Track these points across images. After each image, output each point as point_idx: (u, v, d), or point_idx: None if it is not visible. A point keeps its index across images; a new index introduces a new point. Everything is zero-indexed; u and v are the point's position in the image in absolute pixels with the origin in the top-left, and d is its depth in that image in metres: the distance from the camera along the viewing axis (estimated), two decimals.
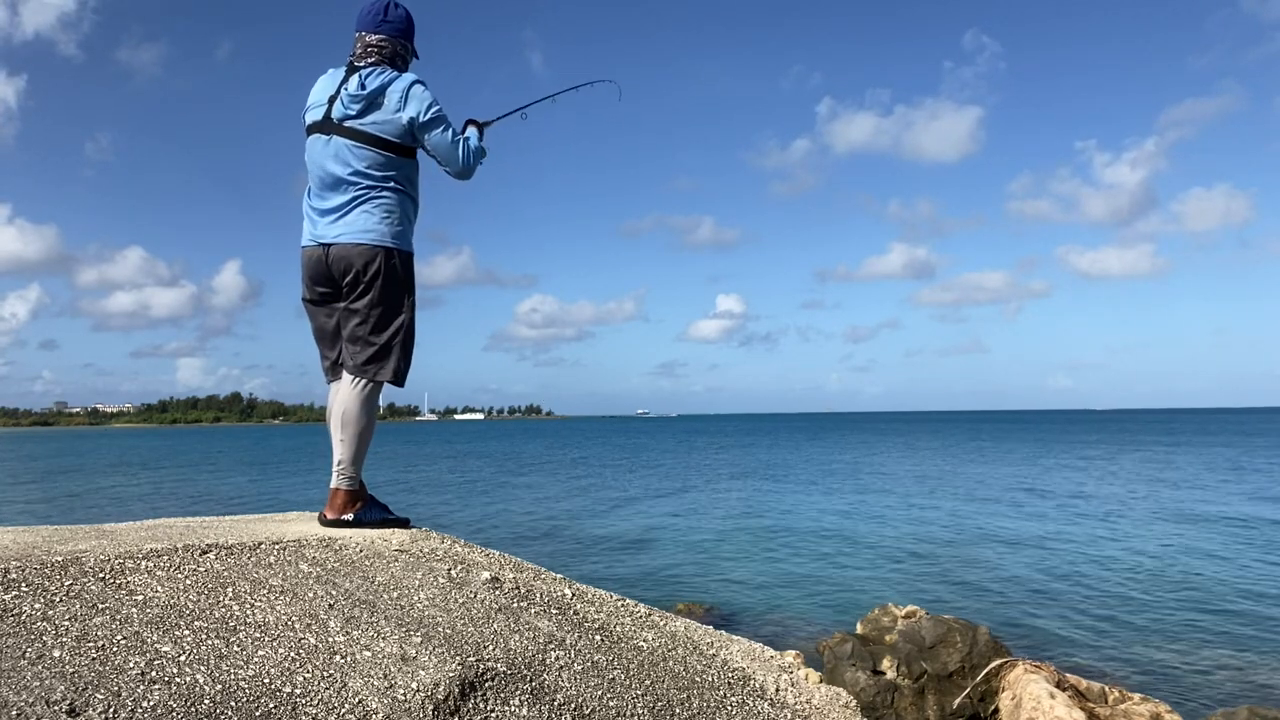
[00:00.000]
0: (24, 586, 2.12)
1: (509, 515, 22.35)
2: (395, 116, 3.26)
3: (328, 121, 3.30)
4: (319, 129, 3.32)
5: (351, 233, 3.26)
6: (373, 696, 1.99)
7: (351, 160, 3.25)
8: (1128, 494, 25.75)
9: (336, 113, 3.28)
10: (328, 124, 3.29)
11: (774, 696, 2.90)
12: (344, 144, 3.26)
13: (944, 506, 23.15)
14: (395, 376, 3.35)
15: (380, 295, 3.28)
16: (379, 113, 3.26)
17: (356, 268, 3.25)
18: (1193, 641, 9.83)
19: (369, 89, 3.24)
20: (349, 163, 3.25)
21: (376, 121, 3.25)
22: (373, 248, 3.25)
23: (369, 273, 3.26)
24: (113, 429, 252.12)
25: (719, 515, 21.97)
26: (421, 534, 3.38)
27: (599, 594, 3.30)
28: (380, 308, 3.29)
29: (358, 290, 3.29)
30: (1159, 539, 17.09)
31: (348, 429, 3.32)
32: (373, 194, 3.28)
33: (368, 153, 3.25)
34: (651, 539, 18.17)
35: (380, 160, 3.27)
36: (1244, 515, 20.28)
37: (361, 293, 3.29)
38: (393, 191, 3.32)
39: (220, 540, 2.77)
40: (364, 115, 3.25)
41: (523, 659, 2.43)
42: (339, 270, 3.29)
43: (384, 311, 3.30)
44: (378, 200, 3.28)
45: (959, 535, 18.02)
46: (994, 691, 7.16)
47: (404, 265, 3.35)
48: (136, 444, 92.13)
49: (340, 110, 3.27)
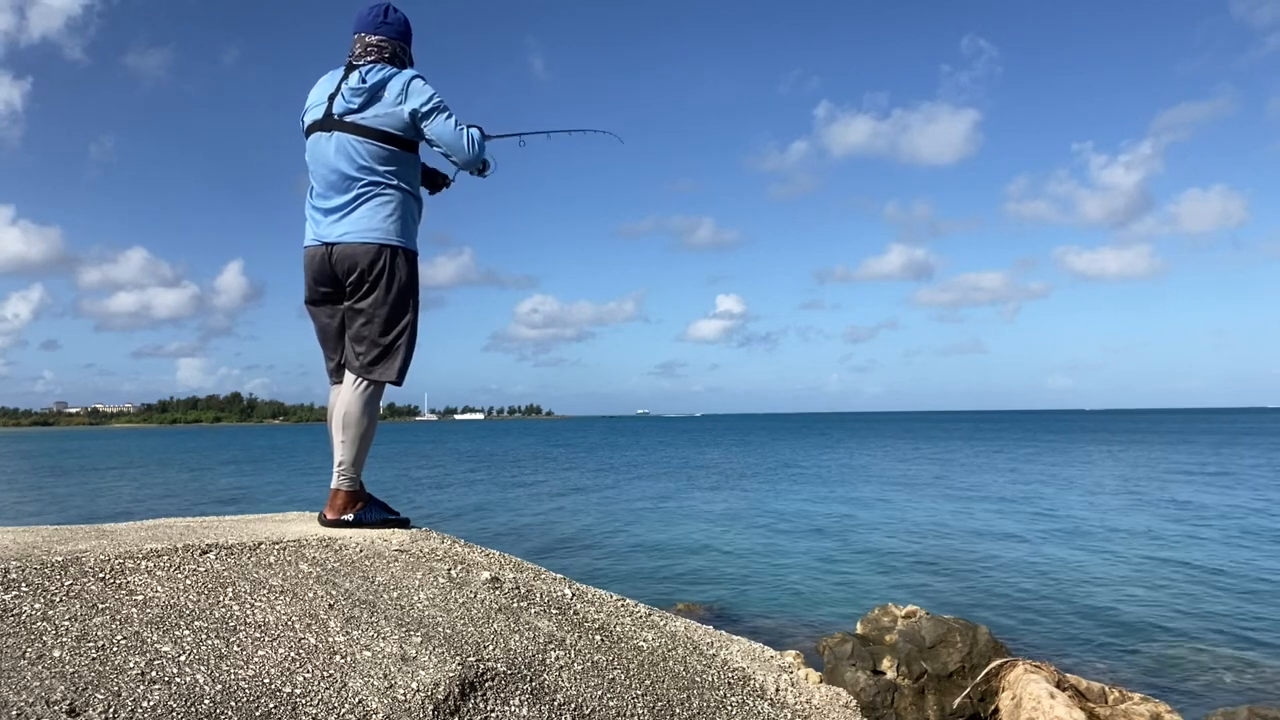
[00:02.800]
0: (24, 586, 2.12)
1: (509, 515, 22.34)
2: (397, 109, 3.22)
3: (329, 118, 3.27)
4: (320, 127, 3.30)
5: (356, 231, 3.23)
6: (373, 696, 1.99)
7: (355, 155, 3.22)
8: (1127, 494, 25.74)
9: (338, 108, 3.25)
10: (329, 121, 3.27)
11: (774, 696, 2.90)
12: (347, 139, 3.22)
13: (944, 506, 23.14)
14: (400, 376, 3.32)
15: (386, 295, 3.25)
16: (380, 105, 3.23)
17: (361, 266, 3.22)
18: (1193, 641, 9.83)
19: (370, 83, 3.23)
20: (352, 158, 3.22)
21: (378, 114, 3.23)
22: (378, 246, 3.22)
23: (374, 272, 3.23)
24: (112, 429, 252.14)
25: (719, 515, 21.97)
26: (421, 534, 3.38)
27: (599, 594, 3.30)
28: (386, 307, 3.26)
29: (362, 290, 3.26)
30: (1158, 539, 17.09)
31: (349, 430, 3.30)
32: (376, 191, 3.24)
33: (370, 147, 3.22)
34: (652, 539, 18.16)
35: (383, 154, 3.24)
36: (1243, 515, 20.28)
37: (366, 292, 3.26)
38: (396, 189, 3.28)
39: (220, 540, 2.77)
40: (365, 109, 3.23)
41: (523, 659, 2.43)
42: (343, 269, 3.26)
43: (390, 311, 3.27)
44: (382, 198, 3.25)
45: (959, 535, 18.01)
46: (994, 691, 7.16)
47: (409, 264, 3.32)
48: (136, 444, 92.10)
49: (342, 105, 3.24)
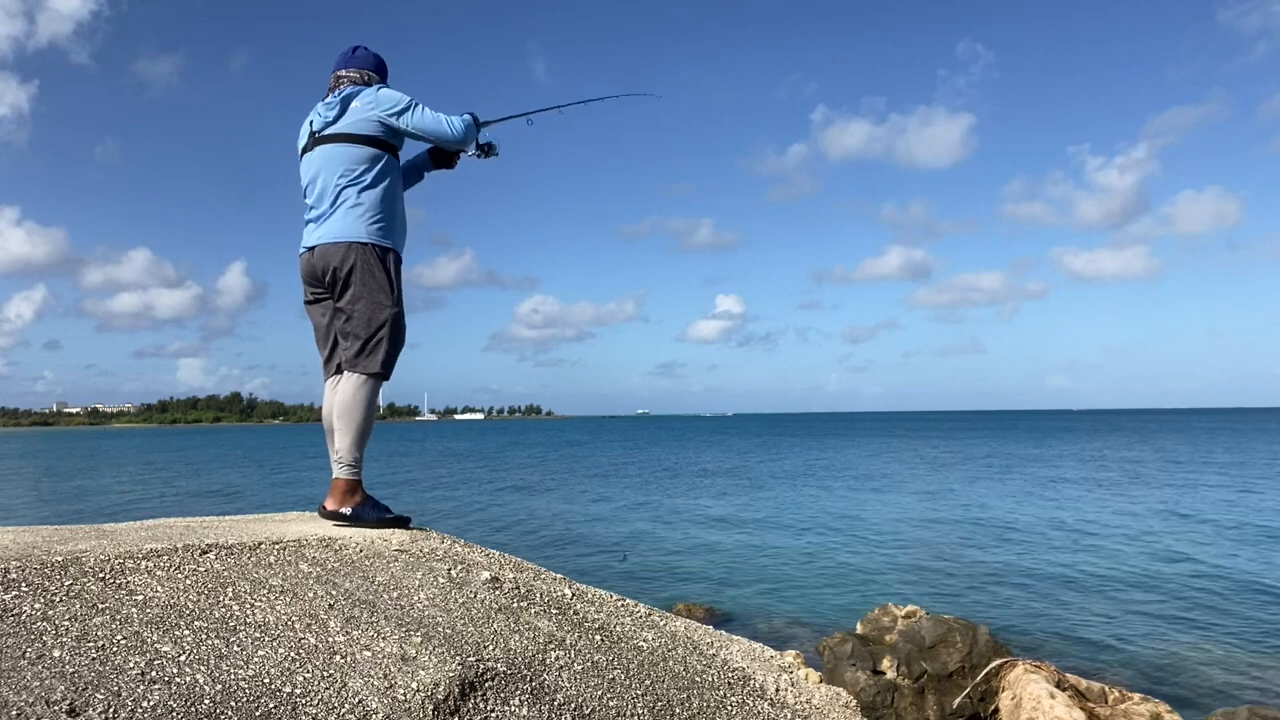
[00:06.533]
0: (24, 586, 2.12)
1: (509, 515, 22.34)
2: (369, 113, 3.45)
3: (311, 139, 3.53)
4: (306, 150, 3.55)
5: (330, 234, 3.42)
6: (373, 696, 1.99)
7: (333, 162, 3.43)
8: (1127, 494, 25.75)
9: (316, 126, 3.51)
10: (311, 141, 3.53)
11: (774, 696, 2.90)
12: (327, 149, 3.46)
13: (944, 506, 23.14)
14: (385, 368, 3.44)
15: (359, 290, 3.40)
16: (352, 113, 3.46)
17: (334, 265, 3.40)
18: (1193, 641, 9.83)
19: (342, 96, 3.49)
20: (333, 166, 3.43)
21: (352, 120, 3.45)
22: (347, 244, 3.40)
23: (345, 269, 3.40)
24: (112, 429, 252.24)
25: (719, 515, 21.96)
26: (421, 534, 3.38)
27: (599, 594, 3.30)
28: (361, 301, 3.40)
29: (339, 288, 3.44)
30: (1158, 538, 17.09)
31: (344, 419, 3.41)
32: (353, 195, 3.42)
33: (348, 149, 3.42)
34: (652, 539, 18.16)
35: (358, 154, 3.42)
36: (1244, 515, 20.27)
37: (343, 290, 3.43)
38: (371, 189, 3.45)
39: (220, 540, 2.77)
40: (339, 120, 3.46)
41: (523, 659, 2.43)
42: (321, 271, 3.45)
43: (365, 306, 3.41)
44: (356, 202, 3.42)
45: (959, 535, 18.01)
46: (994, 691, 7.16)
47: (381, 260, 3.44)
48: (136, 444, 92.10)
49: (319, 123, 3.50)
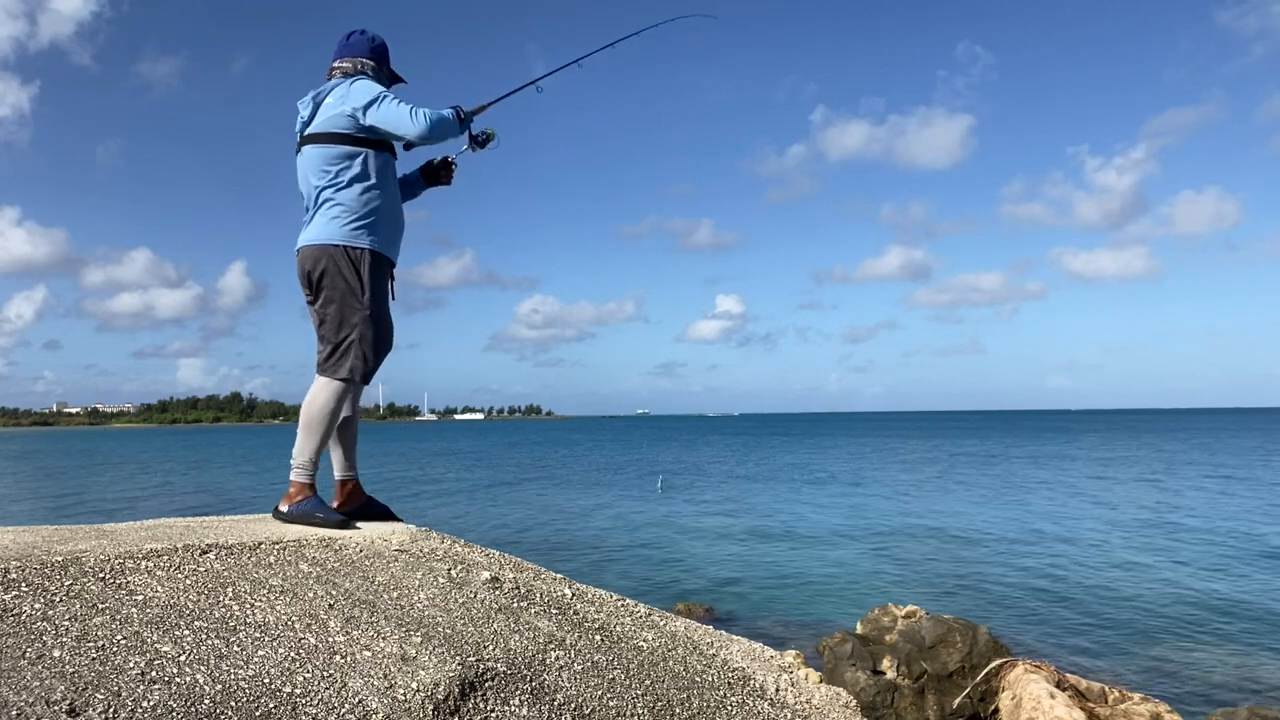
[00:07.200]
0: (24, 586, 2.12)
1: (509, 515, 22.34)
2: (340, 109, 3.35)
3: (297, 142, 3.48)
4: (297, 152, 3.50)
5: (308, 238, 3.38)
6: (373, 696, 1.99)
7: (315, 163, 3.37)
8: (1127, 494, 25.75)
9: (298, 128, 3.46)
10: (297, 144, 3.48)
11: (774, 696, 2.90)
12: (307, 151, 3.40)
13: (944, 506, 23.15)
14: (352, 374, 3.32)
15: (330, 294, 3.35)
16: (325, 110, 3.39)
17: (308, 269, 3.36)
18: (1193, 641, 9.83)
19: (314, 94, 3.43)
20: (312, 168, 3.38)
21: (325, 119, 3.37)
22: (321, 248, 3.34)
23: (317, 273, 3.35)
24: (112, 429, 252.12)
25: (719, 515, 21.97)
26: (421, 534, 3.38)
27: (599, 594, 3.30)
28: (332, 305, 3.34)
29: (313, 291, 3.40)
30: (1158, 539, 17.09)
31: (303, 422, 3.36)
32: (332, 197, 3.35)
33: (322, 150, 3.35)
34: (651, 539, 18.16)
35: (333, 154, 3.35)
36: (1243, 515, 20.27)
37: (316, 293, 3.39)
38: (347, 189, 3.35)
39: (220, 540, 2.77)
40: (312, 120, 3.40)
41: (523, 659, 2.43)
42: (301, 275, 3.42)
43: (336, 309, 3.34)
44: (334, 203, 3.35)
45: (958, 535, 18.02)
46: (994, 691, 7.16)
47: (354, 263, 3.34)
48: (136, 444, 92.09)
49: (300, 124, 3.44)
